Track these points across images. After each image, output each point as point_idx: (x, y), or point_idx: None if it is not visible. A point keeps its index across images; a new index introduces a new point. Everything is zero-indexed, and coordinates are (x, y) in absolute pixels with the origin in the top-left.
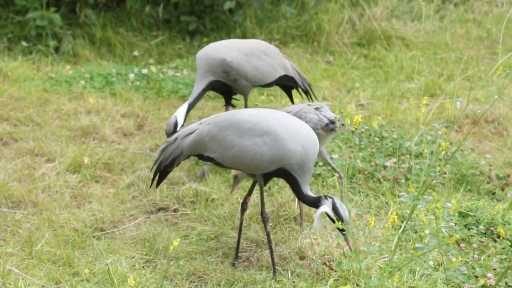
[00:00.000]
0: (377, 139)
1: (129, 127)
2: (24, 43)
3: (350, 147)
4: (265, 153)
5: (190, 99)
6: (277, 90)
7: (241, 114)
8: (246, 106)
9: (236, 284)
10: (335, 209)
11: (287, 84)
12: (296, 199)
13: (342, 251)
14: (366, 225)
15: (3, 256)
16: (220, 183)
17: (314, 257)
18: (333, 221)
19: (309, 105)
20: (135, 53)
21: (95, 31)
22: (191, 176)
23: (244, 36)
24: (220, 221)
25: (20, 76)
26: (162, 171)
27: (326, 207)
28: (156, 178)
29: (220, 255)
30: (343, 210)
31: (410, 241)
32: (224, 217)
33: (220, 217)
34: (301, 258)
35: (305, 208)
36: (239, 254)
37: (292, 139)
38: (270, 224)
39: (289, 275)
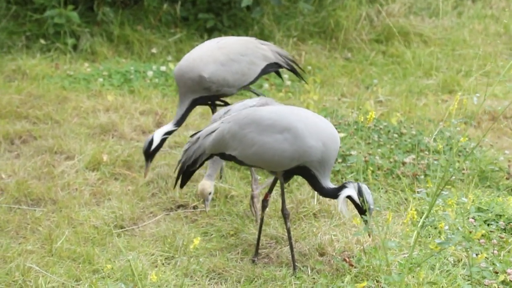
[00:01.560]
0: (396, 135)
1: (148, 124)
2: (42, 41)
3: (369, 143)
4: (286, 150)
5: (175, 119)
6: (295, 87)
7: (261, 111)
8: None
9: (256, 281)
10: (361, 192)
11: (272, 71)
12: (316, 196)
13: (362, 247)
14: (385, 221)
15: (23, 253)
16: (239, 180)
17: (334, 254)
18: (357, 206)
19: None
20: (153, 50)
21: (113, 28)
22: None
23: (261, 33)
24: (240, 218)
25: (38, 74)
26: (186, 171)
27: (351, 190)
28: (180, 178)
29: (239, 251)
30: (369, 194)
31: (429, 237)
32: (244, 213)
33: (239, 213)
34: (321, 255)
35: (324, 204)
36: (259, 251)
37: (312, 135)
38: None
39: (309, 271)
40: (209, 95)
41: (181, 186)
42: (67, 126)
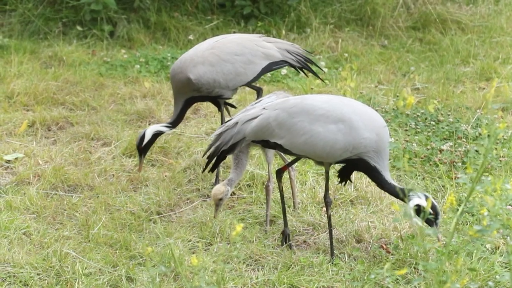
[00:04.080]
0: (433, 122)
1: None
2: (79, 28)
3: (406, 130)
4: (339, 141)
5: (171, 119)
6: (332, 74)
7: (312, 101)
8: (222, 114)
9: (293, 268)
10: (430, 202)
11: (282, 67)
12: (353, 182)
13: (399, 234)
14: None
15: (60, 239)
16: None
17: (371, 240)
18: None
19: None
20: (190, 37)
21: (149, 15)
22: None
23: (298, 20)
24: (277, 205)
25: (75, 61)
26: (220, 155)
27: (421, 200)
28: (211, 162)
29: (276, 238)
30: (437, 204)
31: (466, 224)
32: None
33: (276, 200)
34: (358, 241)
35: (361, 191)
36: (296, 238)
37: (366, 126)
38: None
39: (346, 258)
40: (202, 95)
41: (212, 170)
42: (104, 112)
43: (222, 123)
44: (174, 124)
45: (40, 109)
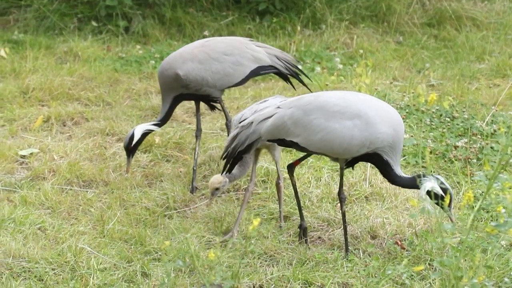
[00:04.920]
0: (448, 119)
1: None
2: (94, 23)
3: (421, 127)
4: (356, 137)
5: (159, 117)
6: (347, 70)
7: (327, 97)
8: (224, 110)
9: (307, 263)
10: (442, 184)
11: (269, 73)
12: (368, 178)
13: (414, 230)
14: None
15: (75, 234)
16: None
17: (386, 237)
18: (435, 198)
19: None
20: (205, 33)
21: (164, 11)
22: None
23: (313, 16)
24: (291, 200)
25: (90, 56)
26: (236, 156)
27: (433, 184)
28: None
29: (291, 234)
30: (448, 185)
31: (481, 221)
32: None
33: (291, 196)
34: (373, 238)
35: (376, 187)
36: (311, 234)
37: (383, 121)
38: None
39: (361, 254)
40: (190, 92)
41: (229, 171)
42: (119, 108)
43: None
44: (162, 122)
45: (55, 104)
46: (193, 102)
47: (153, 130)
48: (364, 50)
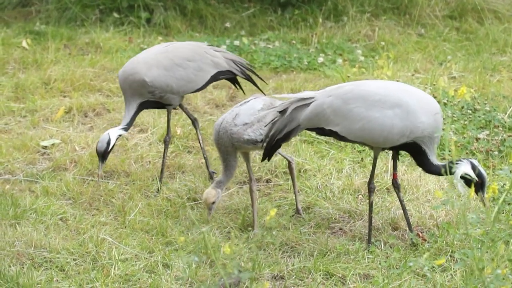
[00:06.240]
0: (469, 111)
1: (221, 98)
2: (116, 15)
3: (443, 119)
4: (396, 126)
5: (123, 123)
6: (368, 63)
7: (367, 86)
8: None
9: (329, 255)
10: (476, 168)
11: (226, 78)
12: (389, 170)
13: (435, 222)
14: (459, 196)
15: (97, 225)
16: (313, 154)
17: (407, 228)
18: (468, 182)
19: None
20: (227, 24)
21: (186, 3)
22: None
23: (335, 8)
24: (313, 192)
25: (112, 47)
26: (275, 144)
27: (467, 168)
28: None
29: (312, 225)
30: (482, 168)
31: (503, 213)
32: (317, 187)
33: (312, 187)
34: (394, 229)
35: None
36: (332, 225)
37: (423, 111)
38: (363, 195)
39: (382, 245)
40: (155, 99)
41: (268, 159)
42: None
43: (167, 133)
44: (127, 127)
45: (77, 95)
46: (214, 92)
47: (121, 135)
48: (386, 42)
